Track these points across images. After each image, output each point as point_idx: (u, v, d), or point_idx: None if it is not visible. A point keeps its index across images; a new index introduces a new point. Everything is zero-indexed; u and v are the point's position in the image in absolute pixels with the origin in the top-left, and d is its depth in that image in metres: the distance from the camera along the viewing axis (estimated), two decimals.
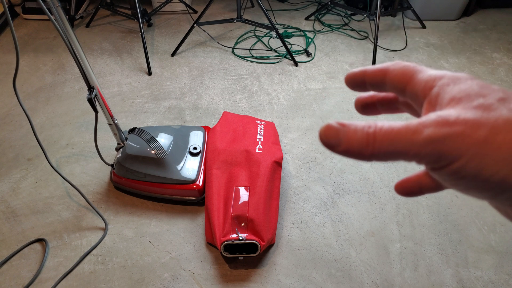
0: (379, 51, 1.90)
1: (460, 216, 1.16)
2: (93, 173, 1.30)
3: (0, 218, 1.17)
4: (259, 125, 1.30)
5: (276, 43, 1.96)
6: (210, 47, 1.95)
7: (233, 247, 1.01)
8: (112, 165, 1.21)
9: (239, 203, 1.05)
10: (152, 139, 1.17)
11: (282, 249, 1.08)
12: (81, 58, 0.91)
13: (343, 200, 1.21)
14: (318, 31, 2.07)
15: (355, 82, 0.24)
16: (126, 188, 1.21)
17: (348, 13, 2.20)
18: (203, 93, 1.65)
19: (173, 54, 1.88)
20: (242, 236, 0.99)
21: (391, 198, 1.21)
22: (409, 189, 0.23)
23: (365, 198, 1.22)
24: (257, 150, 1.17)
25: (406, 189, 0.23)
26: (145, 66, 1.80)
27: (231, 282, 1.02)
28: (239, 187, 1.09)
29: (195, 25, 1.82)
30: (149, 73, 1.76)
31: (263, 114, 1.53)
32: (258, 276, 1.03)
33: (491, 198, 0.17)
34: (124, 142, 1.17)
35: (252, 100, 1.61)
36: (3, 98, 1.63)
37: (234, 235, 1.00)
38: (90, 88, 0.97)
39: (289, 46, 1.94)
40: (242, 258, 1.04)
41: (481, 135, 0.16)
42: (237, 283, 1.02)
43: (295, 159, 1.34)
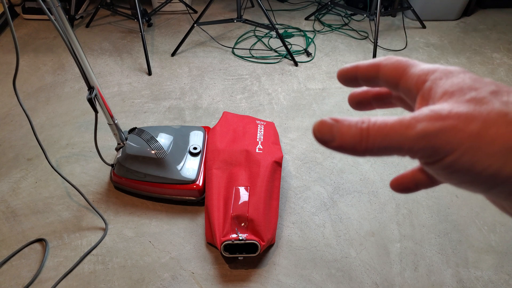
0: (379, 51, 1.90)
1: (460, 216, 1.16)
2: (93, 173, 1.30)
3: (0, 218, 1.17)
4: (259, 125, 1.30)
5: (276, 43, 1.96)
6: (210, 47, 1.95)
7: (233, 247, 1.01)
8: (112, 165, 1.21)
9: (239, 203, 1.05)
10: (152, 139, 1.17)
11: (282, 249, 1.08)
12: (81, 58, 0.91)
13: (343, 200, 1.21)
14: (318, 31, 2.07)
15: (348, 78, 0.24)
16: (126, 188, 1.22)
17: (348, 13, 2.20)
18: (203, 93, 1.65)
19: (173, 54, 1.88)
20: (242, 236, 0.99)
21: (391, 198, 1.21)
22: (405, 185, 0.23)
23: (365, 198, 1.22)
24: (257, 150, 1.17)
25: (402, 185, 0.23)
26: (145, 66, 1.80)
27: (231, 282, 1.02)
28: (239, 187, 1.09)
29: (195, 25, 1.82)
30: (149, 73, 1.76)
31: (263, 114, 1.53)
32: (258, 276, 1.03)
33: (485, 192, 0.17)
34: (124, 142, 1.17)
35: (252, 100, 1.61)
36: (3, 98, 1.63)
37: (234, 235, 1.00)
38: (90, 88, 0.97)
39: (289, 46, 1.94)
40: (242, 258, 1.04)
41: (474, 129, 0.16)
42: (237, 283, 1.02)
43: (295, 159, 1.34)
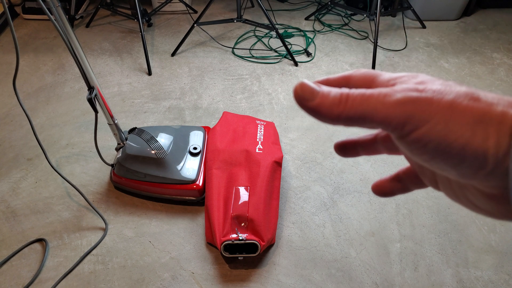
0: (379, 51, 1.90)
1: (460, 216, 1.16)
2: (93, 173, 1.30)
3: (0, 218, 1.17)
4: (259, 125, 1.30)
5: (276, 43, 1.96)
6: (210, 47, 1.95)
7: (233, 247, 1.01)
8: (112, 165, 1.21)
9: (239, 203, 1.05)
10: (152, 139, 1.17)
11: (282, 249, 1.08)
12: (81, 58, 0.91)
13: (343, 200, 1.21)
14: (318, 31, 2.07)
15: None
16: (126, 188, 1.21)
17: (348, 13, 2.20)
18: (203, 93, 1.65)
19: (173, 54, 1.88)
20: (242, 236, 0.99)
21: (391, 198, 1.21)
22: (383, 189, 0.27)
23: (365, 198, 1.22)
24: (257, 150, 1.17)
25: (381, 189, 0.27)
26: (145, 66, 1.80)
27: (231, 282, 1.02)
28: (239, 187, 1.09)
29: (195, 25, 1.82)
30: (149, 73, 1.76)
31: (263, 114, 1.53)
32: (258, 276, 1.03)
33: (455, 167, 0.18)
34: (124, 142, 1.17)
35: (252, 100, 1.61)
36: (3, 98, 1.63)
37: (234, 235, 1.00)
38: (90, 88, 0.97)
39: (289, 46, 1.94)
40: (242, 258, 1.04)
41: (447, 101, 0.17)
42: (237, 283, 1.02)
43: (295, 159, 1.34)
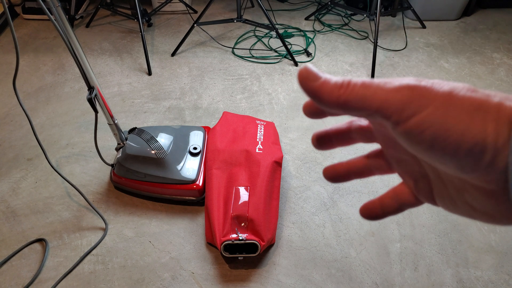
0: (379, 51, 1.90)
1: (460, 216, 1.16)
2: (93, 173, 1.30)
3: (0, 218, 1.17)
4: (259, 125, 1.30)
5: (276, 43, 1.96)
6: (210, 47, 1.95)
7: (233, 247, 1.01)
8: (112, 165, 1.21)
9: (239, 203, 1.05)
10: (152, 139, 1.17)
11: (282, 249, 1.08)
12: (81, 58, 0.91)
13: (343, 200, 1.21)
14: (318, 31, 2.07)
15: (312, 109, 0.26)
16: (126, 188, 1.22)
17: (348, 13, 2.20)
18: (203, 93, 1.65)
19: (173, 54, 1.88)
20: (242, 236, 0.99)
21: None
22: (373, 212, 0.26)
23: (365, 198, 1.22)
24: (257, 150, 1.17)
25: (370, 212, 0.26)
26: (145, 66, 1.80)
27: (231, 282, 1.02)
28: (239, 187, 1.09)
29: (195, 25, 1.82)
30: (149, 73, 1.76)
31: (263, 114, 1.53)
32: (258, 276, 1.03)
33: (452, 158, 0.18)
34: (124, 142, 1.17)
35: (252, 100, 1.61)
36: (3, 98, 1.63)
37: (234, 235, 1.00)
38: (90, 88, 0.97)
39: (289, 46, 1.94)
40: (242, 258, 1.04)
41: (446, 89, 0.18)
42: (237, 283, 1.02)
43: (295, 159, 1.34)
